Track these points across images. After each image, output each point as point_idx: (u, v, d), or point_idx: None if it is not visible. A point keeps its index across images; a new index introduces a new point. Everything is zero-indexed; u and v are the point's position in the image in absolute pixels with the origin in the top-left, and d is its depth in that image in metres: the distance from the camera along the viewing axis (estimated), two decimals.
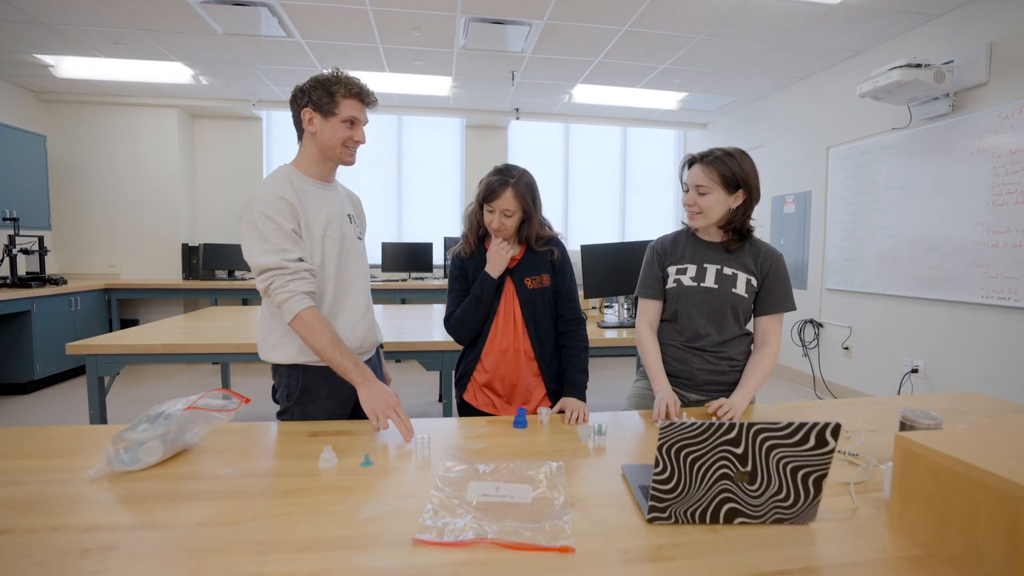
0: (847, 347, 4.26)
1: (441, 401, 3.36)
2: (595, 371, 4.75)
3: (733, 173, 1.46)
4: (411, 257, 5.70)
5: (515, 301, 1.65)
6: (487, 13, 3.47)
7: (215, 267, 5.47)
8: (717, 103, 5.43)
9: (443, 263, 5.79)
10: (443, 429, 1.38)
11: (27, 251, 4.47)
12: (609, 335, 2.58)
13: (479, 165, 5.97)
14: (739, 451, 0.87)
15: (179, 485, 1.03)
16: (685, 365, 1.58)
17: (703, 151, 1.52)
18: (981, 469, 0.73)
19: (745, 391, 1.49)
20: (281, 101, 5.37)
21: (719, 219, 1.52)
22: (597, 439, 1.27)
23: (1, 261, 4.39)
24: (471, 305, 1.62)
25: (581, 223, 6.46)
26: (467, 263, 1.67)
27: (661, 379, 1.53)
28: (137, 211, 5.45)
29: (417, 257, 5.71)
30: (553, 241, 1.68)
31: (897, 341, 3.80)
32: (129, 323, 5.46)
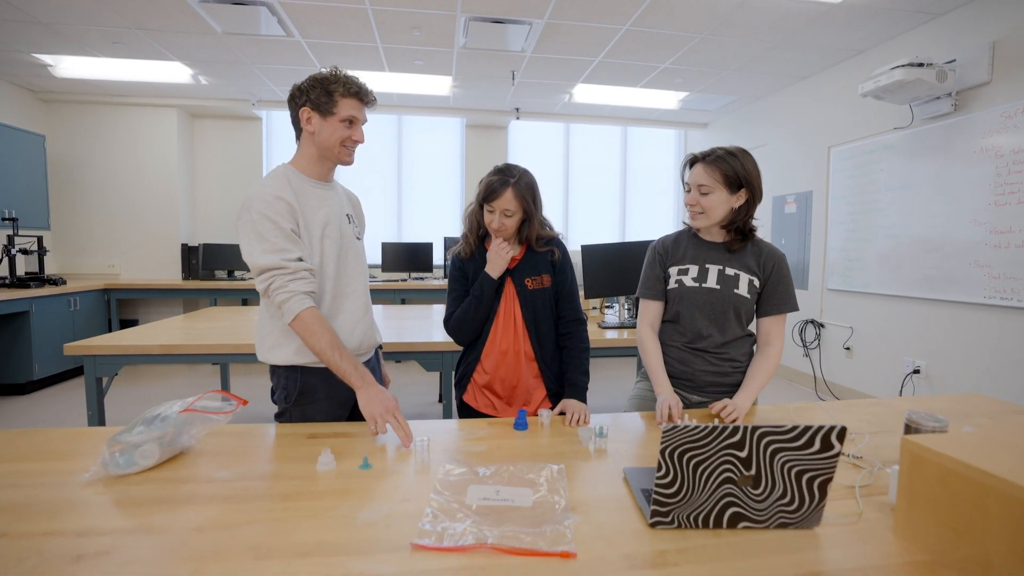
0: (848, 347, 4.25)
1: (441, 402, 3.34)
2: (595, 372, 4.73)
3: (735, 172, 1.45)
4: (411, 257, 5.69)
5: (515, 302, 1.63)
6: (487, 12, 3.46)
7: (215, 267, 5.46)
8: (718, 103, 5.41)
9: (443, 263, 5.78)
10: (442, 431, 1.37)
11: (26, 251, 4.47)
12: (610, 335, 2.57)
13: (479, 165, 5.95)
14: (743, 455, 0.86)
15: (175, 489, 1.02)
16: (687, 366, 1.56)
17: (705, 150, 1.51)
18: (991, 474, 0.71)
19: (748, 392, 1.47)
20: (281, 101, 5.36)
21: (721, 219, 1.50)
22: (598, 441, 1.26)
23: (0, 261, 4.38)
24: (471, 306, 1.61)
25: (581, 223, 6.45)
26: (467, 263, 1.66)
27: (662, 380, 1.52)
28: (136, 211, 5.44)
29: (417, 257, 5.70)
30: (554, 241, 1.66)
31: (899, 341, 3.78)
32: (128, 323, 5.45)
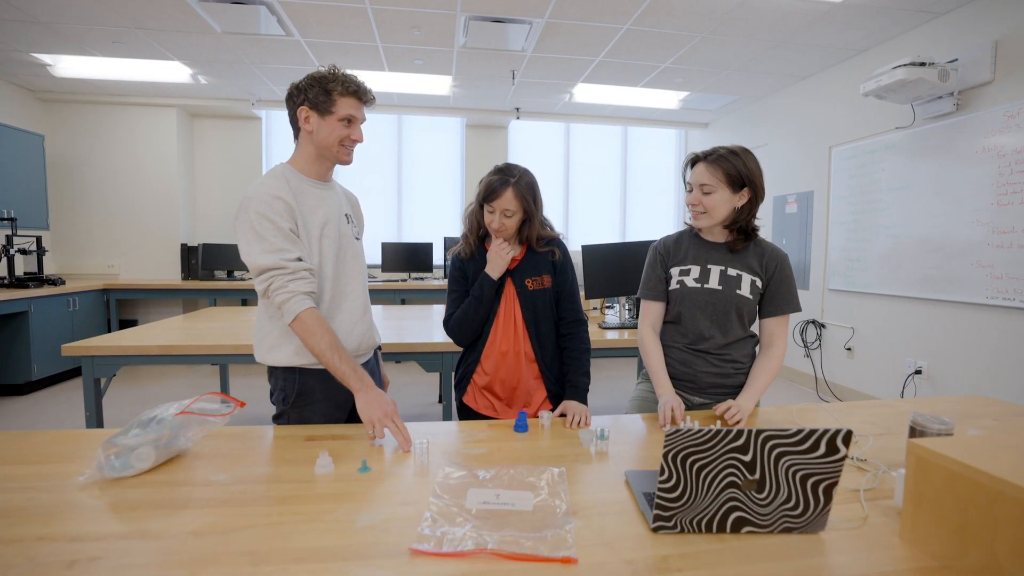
0: (850, 348, 4.23)
1: (441, 403, 3.33)
2: (596, 372, 4.72)
3: (738, 171, 1.43)
4: (411, 257, 5.68)
5: (515, 302, 1.62)
6: (487, 11, 3.45)
7: (214, 267, 5.44)
8: (718, 102, 5.40)
9: (443, 263, 5.77)
10: (442, 433, 1.35)
11: (25, 251, 4.45)
12: (610, 336, 2.56)
13: (479, 165, 5.94)
14: (747, 458, 0.85)
15: (171, 492, 1.01)
16: (688, 368, 1.55)
17: (706, 149, 1.49)
18: (1000, 478, 0.70)
19: (751, 393, 1.46)
20: (280, 100, 5.34)
21: (724, 218, 1.49)
22: (599, 444, 1.24)
23: None
24: (471, 306, 1.59)
25: (582, 223, 6.43)
26: (467, 264, 1.64)
27: (664, 382, 1.50)
28: (136, 211, 5.43)
29: (417, 257, 5.69)
30: (554, 242, 1.65)
31: (900, 342, 3.77)
32: (128, 323, 5.44)
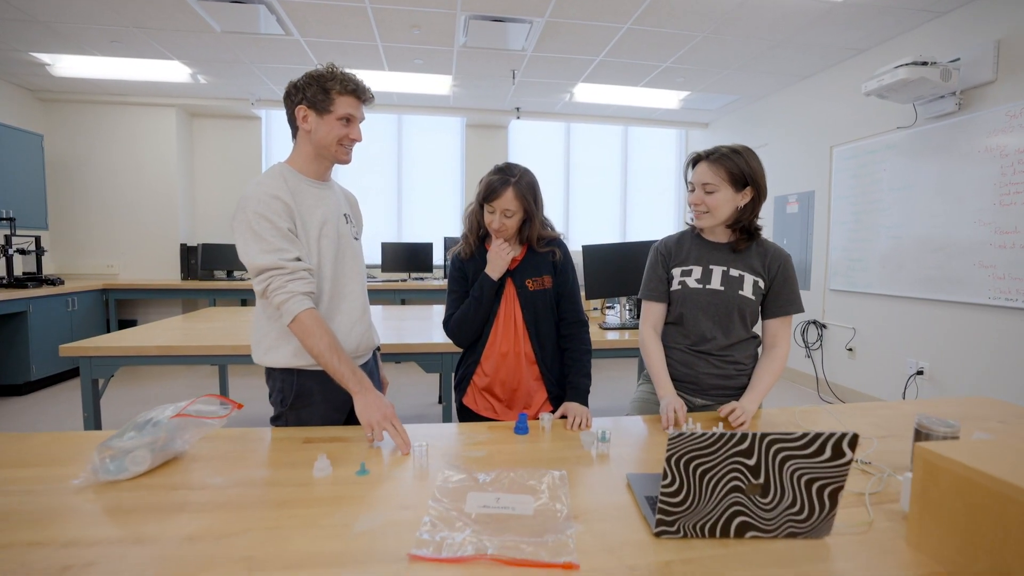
0: (851, 348, 4.22)
1: (441, 403, 3.32)
2: (597, 373, 4.70)
3: (740, 170, 1.42)
4: (411, 257, 5.67)
5: (516, 303, 1.61)
6: (487, 11, 3.43)
7: (214, 267, 5.43)
8: (719, 102, 5.38)
9: (443, 263, 5.75)
10: (441, 436, 1.34)
11: (24, 251, 4.44)
12: (611, 336, 2.55)
13: (479, 165, 5.93)
14: (751, 462, 0.83)
15: (167, 496, 1.00)
16: (690, 369, 1.54)
17: (708, 149, 1.48)
18: (1011, 484, 0.69)
19: (755, 394, 1.45)
20: (280, 100, 5.31)
21: (727, 218, 1.48)
22: (600, 446, 1.23)
23: None
24: (471, 307, 1.58)
25: (582, 223, 6.42)
26: (467, 264, 1.63)
27: (666, 384, 1.49)
28: (135, 211, 5.41)
29: (417, 257, 5.67)
30: (555, 242, 1.64)
31: (902, 342, 3.75)
32: (127, 324, 5.42)
